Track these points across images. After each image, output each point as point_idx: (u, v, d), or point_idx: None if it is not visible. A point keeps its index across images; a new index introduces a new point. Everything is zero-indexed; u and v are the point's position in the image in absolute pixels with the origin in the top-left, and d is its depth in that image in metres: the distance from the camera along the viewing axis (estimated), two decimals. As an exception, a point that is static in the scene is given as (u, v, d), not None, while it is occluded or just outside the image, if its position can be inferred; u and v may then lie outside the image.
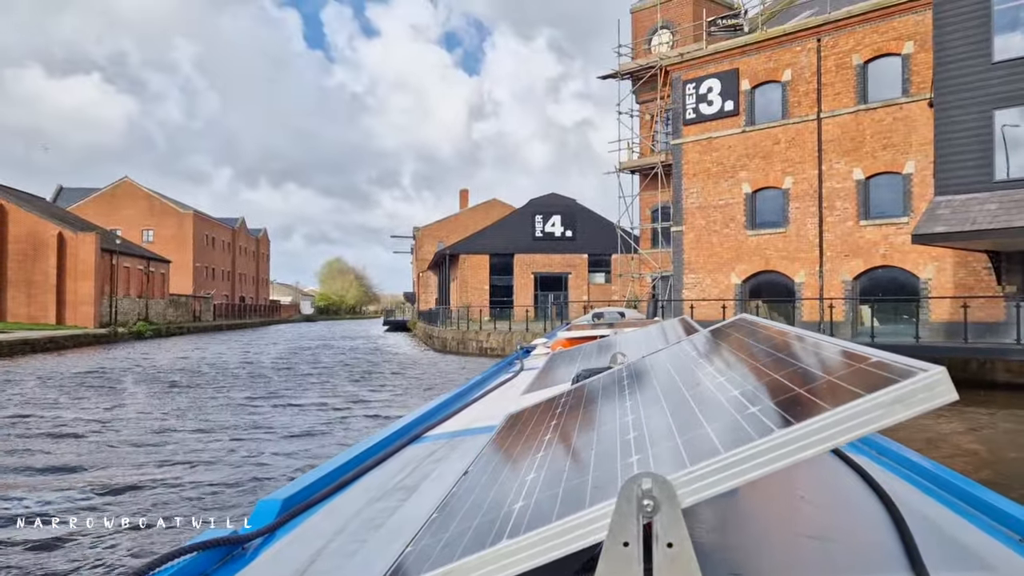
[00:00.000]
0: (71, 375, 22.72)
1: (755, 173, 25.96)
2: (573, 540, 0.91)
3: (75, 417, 14.15)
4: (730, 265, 26.53)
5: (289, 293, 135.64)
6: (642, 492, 0.89)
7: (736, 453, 0.90)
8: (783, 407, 1.00)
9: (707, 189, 27.15)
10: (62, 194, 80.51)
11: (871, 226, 23.36)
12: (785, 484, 1.57)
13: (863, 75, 23.62)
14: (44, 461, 10.21)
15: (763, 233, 25.76)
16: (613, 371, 2.23)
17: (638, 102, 32.44)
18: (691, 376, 1.57)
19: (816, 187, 24.46)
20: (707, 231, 27.15)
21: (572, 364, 3.75)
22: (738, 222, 26.38)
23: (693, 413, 1.21)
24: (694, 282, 27.46)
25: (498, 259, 52.05)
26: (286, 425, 13.30)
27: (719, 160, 26.84)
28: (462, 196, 74.46)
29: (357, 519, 1.61)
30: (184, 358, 30.66)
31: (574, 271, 52.11)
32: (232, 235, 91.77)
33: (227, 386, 19.76)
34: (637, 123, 32.60)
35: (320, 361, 29.60)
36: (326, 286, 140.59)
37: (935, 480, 1.71)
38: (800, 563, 1.17)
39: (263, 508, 1.66)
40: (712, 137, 26.99)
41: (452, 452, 2.23)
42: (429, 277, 70.64)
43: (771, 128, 25.55)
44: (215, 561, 1.41)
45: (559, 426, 1.66)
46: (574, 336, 7.42)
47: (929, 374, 0.86)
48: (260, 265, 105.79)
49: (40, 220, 48.43)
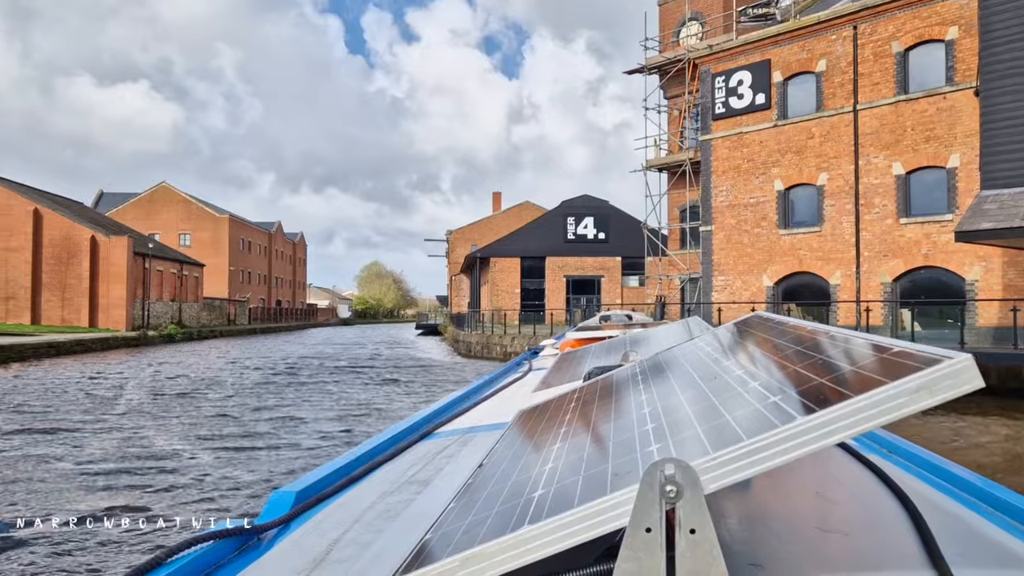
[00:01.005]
0: (71, 382, 22.35)
1: (788, 169, 24.64)
2: (595, 525, 0.91)
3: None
4: (761, 266, 25.23)
5: (327, 297, 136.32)
6: (665, 478, 0.88)
7: (760, 439, 0.90)
8: (806, 396, 0.99)
9: (737, 187, 25.89)
10: (103, 198, 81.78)
11: (912, 224, 21.91)
12: (800, 480, 1.57)
13: (903, 63, 22.19)
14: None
15: (796, 232, 24.42)
16: (626, 367, 2.24)
17: (666, 97, 31.27)
18: (708, 370, 1.57)
19: (853, 183, 23.07)
20: (737, 231, 25.88)
21: (582, 363, 3.70)
22: (770, 221, 25.06)
23: (712, 404, 1.21)
24: (724, 284, 26.20)
25: (529, 262, 51.38)
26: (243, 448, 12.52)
27: (750, 156, 25.57)
28: (495, 199, 73.77)
29: (372, 510, 1.62)
30: (194, 368, 30.26)
31: (607, 274, 51.10)
32: (269, 239, 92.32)
33: (212, 399, 19.13)
34: (665, 119, 31.40)
35: (327, 366, 28.96)
36: (364, 290, 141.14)
37: (951, 479, 1.70)
38: (819, 556, 1.16)
39: (277, 500, 1.67)
40: (743, 132, 25.73)
41: (464, 447, 2.24)
42: (462, 280, 70.08)
43: (805, 122, 24.22)
44: (231, 551, 1.40)
45: (574, 419, 1.67)
46: (582, 337, 7.31)
47: (955, 361, 0.85)
48: (297, 269, 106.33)
49: (74, 224, 48.83)
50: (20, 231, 47.71)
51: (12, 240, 47.66)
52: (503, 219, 67.34)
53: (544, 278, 51.35)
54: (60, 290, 48.06)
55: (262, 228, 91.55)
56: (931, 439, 11.10)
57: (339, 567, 1.29)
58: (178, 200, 78.53)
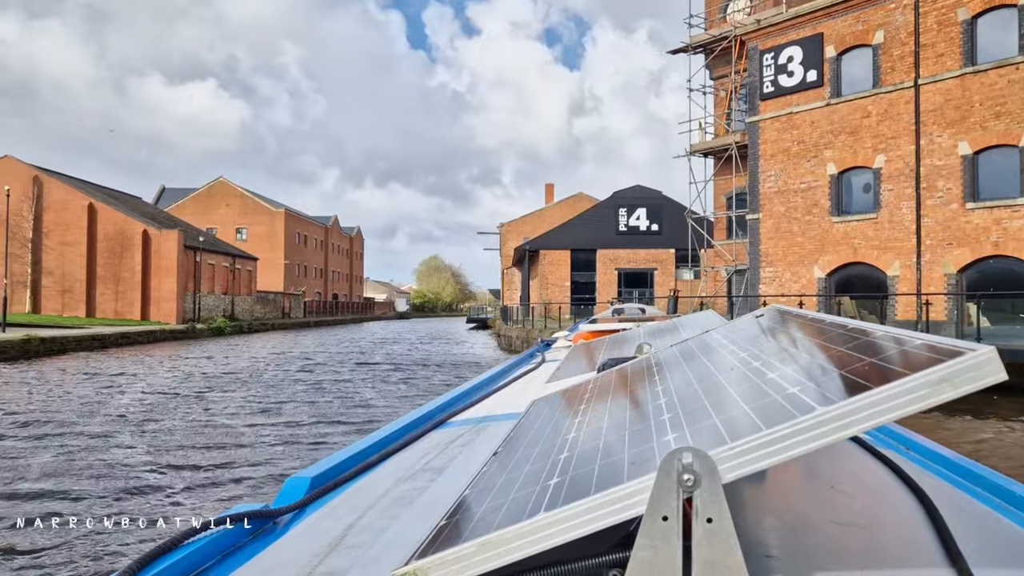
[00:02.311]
0: (79, 376, 22.07)
1: (841, 151, 22.76)
2: (613, 513, 0.91)
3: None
4: (812, 256, 23.41)
5: (384, 291, 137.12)
6: (683, 467, 0.88)
7: (779, 429, 0.89)
8: (825, 388, 0.98)
9: (787, 171, 24.09)
10: (165, 194, 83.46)
11: (980, 209, 19.87)
12: (815, 474, 1.56)
13: (970, 32, 20.13)
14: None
15: (851, 219, 22.54)
16: (641, 359, 2.27)
17: (712, 78, 29.48)
18: (724, 362, 1.56)
19: (913, 165, 21.11)
20: (787, 218, 24.10)
21: (596, 355, 3.69)
22: (822, 207, 23.23)
23: (729, 395, 1.20)
24: (772, 276, 24.46)
25: (580, 254, 50.26)
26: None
27: (800, 138, 23.75)
28: (547, 190, 72.59)
29: (387, 497, 1.62)
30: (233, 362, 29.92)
31: (660, 267, 49.50)
32: (325, 233, 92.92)
33: (213, 400, 18.44)
34: (711, 101, 29.62)
35: (362, 359, 28.23)
36: (423, 284, 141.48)
37: (968, 475, 1.68)
38: (835, 549, 1.15)
39: (292, 485, 1.68)
40: (792, 112, 23.92)
41: (478, 436, 2.24)
42: (514, 274, 69.18)
43: (860, 99, 22.31)
44: (247, 534, 1.41)
45: (590, 409, 1.66)
46: (595, 329, 7.38)
47: (977, 353, 0.85)
48: (354, 263, 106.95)
49: (127, 218, 49.51)
50: (76, 225, 48.61)
51: (68, 234, 48.59)
52: (556, 211, 66.27)
53: (595, 271, 50.19)
54: (114, 283, 48.81)
55: (318, 222, 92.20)
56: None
57: (354, 552, 1.29)
58: (235, 195, 79.50)
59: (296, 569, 1.25)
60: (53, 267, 48.62)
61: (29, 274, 48.09)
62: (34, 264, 48.29)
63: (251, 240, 77.16)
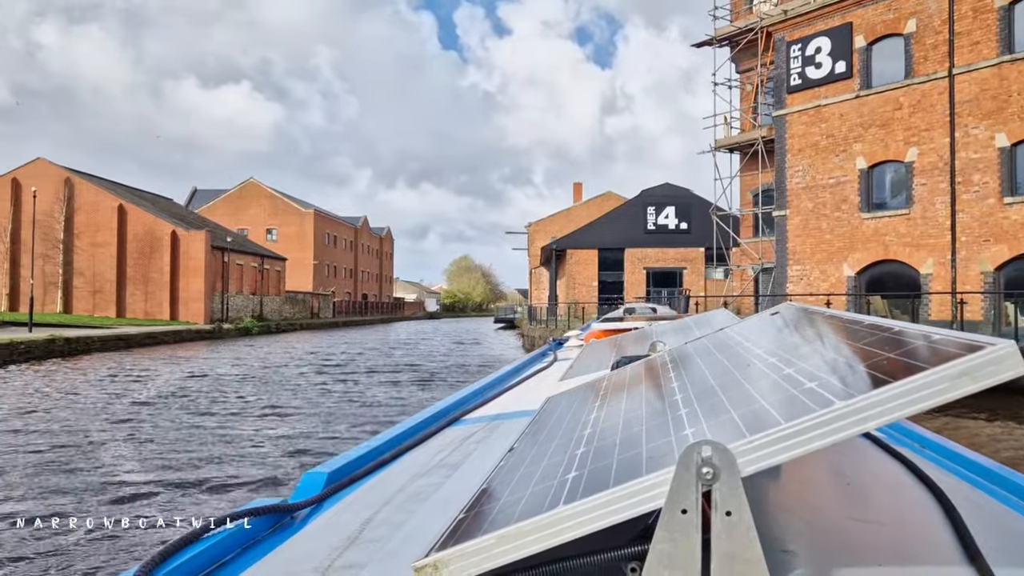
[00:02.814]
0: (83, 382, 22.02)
1: (872, 145, 21.92)
2: (632, 506, 0.91)
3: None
4: (842, 254, 22.59)
5: (414, 291, 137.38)
6: (702, 460, 0.88)
7: (798, 423, 0.89)
8: (844, 382, 0.98)
9: (815, 166, 23.29)
10: (196, 195, 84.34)
11: (1019, 204, 18.96)
12: (831, 471, 1.56)
13: (1008, 18, 19.21)
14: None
15: (882, 216, 21.69)
16: (655, 356, 2.26)
17: (738, 71, 28.69)
18: (740, 358, 1.56)
19: (947, 158, 20.22)
20: (815, 215, 23.29)
21: (609, 353, 3.67)
22: (851, 203, 22.40)
23: (747, 390, 1.21)
24: (800, 275, 23.67)
25: (607, 254, 49.70)
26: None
27: (829, 131, 22.94)
28: (575, 189, 72.02)
29: (403, 493, 1.62)
30: (240, 362, 29.81)
31: (690, 266, 48.68)
32: (355, 233, 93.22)
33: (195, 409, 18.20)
34: (737, 96, 28.82)
35: (376, 360, 27.93)
36: (453, 284, 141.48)
37: (985, 473, 1.66)
38: (852, 545, 1.15)
39: (309, 480, 1.68)
40: (821, 105, 23.11)
41: (492, 434, 2.25)
42: (542, 273, 68.72)
43: (891, 91, 21.46)
44: (265, 528, 1.42)
45: (605, 405, 1.67)
46: (607, 328, 7.36)
47: (998, 347, 0.85)
48: (384, 263, 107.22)
49: (156, 219, 49.92)
50: (106, 227, 49.14)
51: (99, 235, 49.14)
52: (583, 210, 65.73)
53: (623, 270, 49.60)
54: (143, 284, 49.24)
55: (348, 222, 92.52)
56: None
57: (372, 546, 1.30)
58: (265, 195, 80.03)
59: (314, 563, 1.25)
60: (84, 268, 49.21)
61: (61, 275, 48.71)
62: (66, 265, 48.89)
63: (281, 240, 77.60)
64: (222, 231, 58.69)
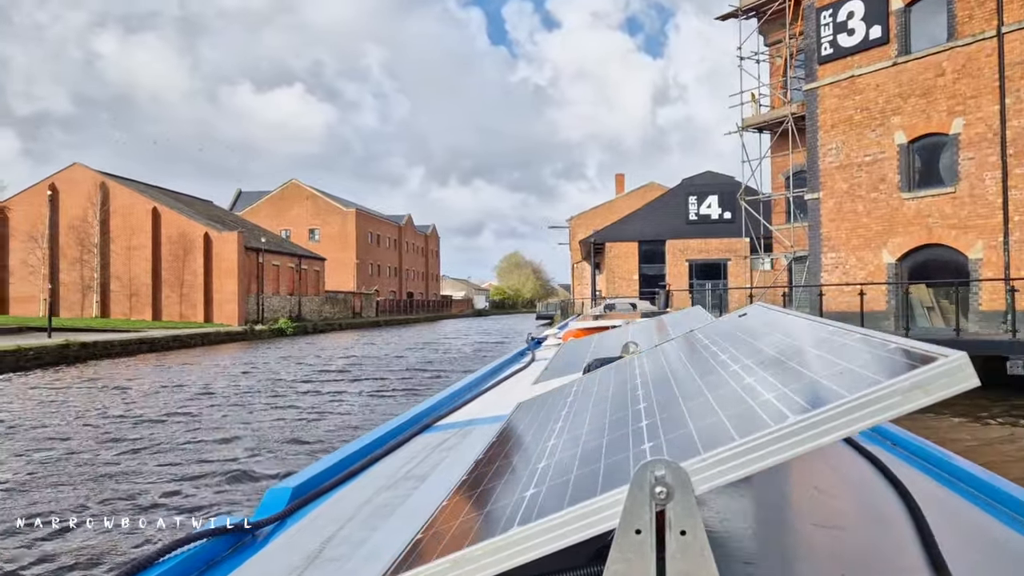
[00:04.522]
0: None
1: (912, 117, 19.72)
2: (585, 527, 0.91)
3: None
4: (880, 239, 20.43)
5: (463, 288, 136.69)
6: (655, 479, 0.88)
7: (750, 440, 0.90)
8: (799, 394, 0.99)
9: (849, 143, 21.16)
10: (240, 198, 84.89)
11: (1081, 177, 16.65)
12: (798, 474, 1.56)
13: (1064, -34, 16.89)
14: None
15: (924, 195, 19.49)
16: (625, 360, 2.27)
17: (766, 44, 26.55)
18: (704, 364, 1.58)
19: (997, 128, 17.95)
20: (850, 196, 21.17)
21: (584, 354, 3.66)
22: (890, 183, 20.23)
23: (707, 401, 1.21)
24: (835, 263, 21.57)
25: (648, 246, 48.05)
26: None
27: (864, 104, 20.79)
28: (618, 181, 70.07)
29: (368, 507, 1.61)
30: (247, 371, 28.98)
31: (734, 257, 46.53)
32: (398, 232, 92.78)
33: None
34: (766, 71, 26.68)
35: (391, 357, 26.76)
36: (503, 280, 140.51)
37: (952, 471, 1.69)
38: (814, 552, 1.16)
39: (272, 497, 1.66)
40: (854, 75, 20.96)
41: (463, 441, 2.24)
42: (584, 268, 67.10)
43: (932, 55, 19.23)
44: (225, 548, 1.40)
45: (570, 415, 1.67)
46: (585, 327, 7.22)
47: (950, 359, 0.85)
48: (429, 260, 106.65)
49: (189, 221, 49.83)
50: (141, 229, 49.26)
51: (134, 239, 49.29)
52: (626, 202, 63.91)
53: (664, 263, 47.88)
54: (178, 286, 49.20)
55: (391, 221, 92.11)
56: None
57: (332, 565, 1.29)
58: (306, 196, 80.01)
59: None
60: (120, 271, 49.41)
61: (97, 278, 48.99)
62: (102, 268, 49.17)
63: (323, 241, 77.47)
64: (259, 232, 58.52)
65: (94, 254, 48.82)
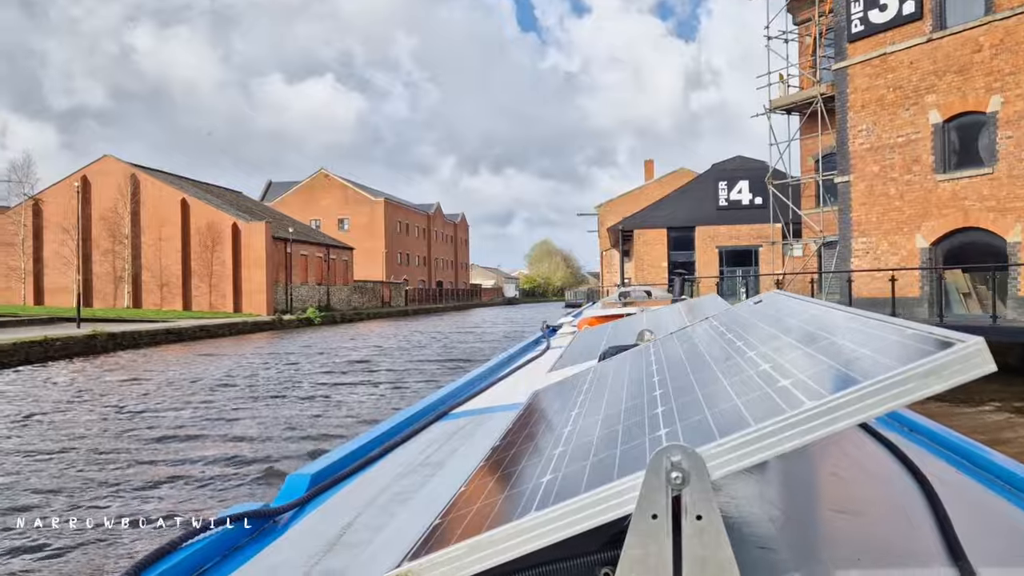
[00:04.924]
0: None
1: (947, 95, 18.92)
2: (601, 512, 0.92)
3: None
4: (914, 223, 19.69)
5: (493, 277, 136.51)
6: (671, 464, 0.89)
7: (766, 426, 0.90)
8: (815, 380, 0.99)
9: (881, 123, 20.40)
10: (272, 188, 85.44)
11: None
12: (814, 460, 1.57)
13: (1110, -68, 16.00)
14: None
15: (960, 176, 18.71)
16: (640, 347, 2.27)
17: (795, 23, 25.72)
18: (720, 351, 1.57)
19: (1038, 105, 17.14)
20: (882, 179, 20.43)
21: (599, 342, 3.68)
22: (924, 164, 19.46)
23: (723, 387, 1.21)
24: (866, 248, 20.86)
25: (676, 232, 47.28)
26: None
27: (897, 83, 20.01)
28: (647, 167, 69.09)
29: (385, 493, 1.62)
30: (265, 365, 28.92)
31: (766, 243, 45.62)
32: (427, 221, 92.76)
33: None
34: (795, 51, 25.88)
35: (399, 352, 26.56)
36: (533, 268, 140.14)
37: (970, 457, 1.67)
38: (830, 538, 1.16)
39: (292, 483, 1.68)
40: (887, 53, 20.18)
41: (479, 428, 2.25)
42: (613, 255, 66.48)
43: (969, 30, 18.41)
44: (247, 534, 1.42)
45: (586, 402, 1.67)
46: (600, 315, 7.16)
47: (966, 345, 0.85)
48: (459, 249, 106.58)
49: (217, 211, 50.13)
50: (170, 221, 49.67)
51: (164, 230, 49.73)
52: (655, 188, 63.05)
53: (693, 250, 47.10)
54: (207, 276, 49.56)
55: (420, 210, 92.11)
56: None
57: (350, 551, 1.29)
58: (336, 186, 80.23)
59: (293, 570, 1.24)
60: (151, 262, 49.91)
61: (128, 269, 49.53)
62: (133, 259, 49.69)
63: (353, 230, 77.66)
64: (287, 221, 58.75)
65: (125, 245, 49.34)
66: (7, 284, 50.25)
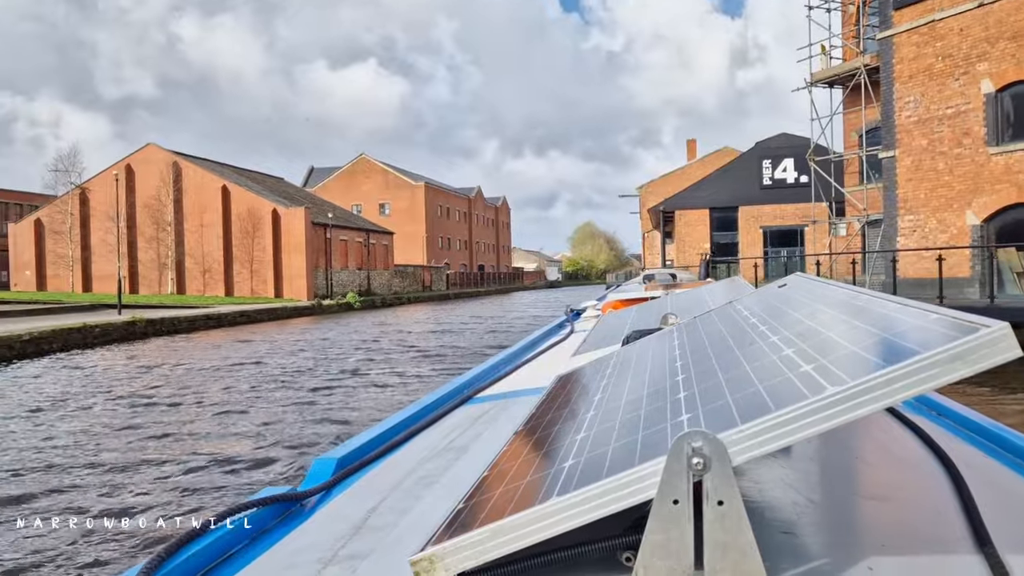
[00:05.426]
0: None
1: (1001, 63, 17.82)
2: (623, 497, 0.92)
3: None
4: (964, 199, 18.66)
5: (535, 260, 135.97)
6: (692, 450, 0.89)
7: (788, 411, 0.90)
8: (837, 365, 0.99)
9: (929, 94, 19.34)
10: (314, 174, 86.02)
11: None
12: (839, 444, 1.56)
13: None
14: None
15: (1015, 149, 17.64)
16: (664, 332, 2.29)
17: (839, -10, 24.61)
18: (743, 336, 1.57)
19: (1099, 71, 16.01)
20: (930, 153, 19.39)
21: (622, 326, 3.68)
22: (975, 136, 18.40)
23: (745, 372, 1.21)
24: (912, 226, 19.87)
25: (719, 213, 46.22)
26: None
27: (946, 51, 18.92)
28: (689, 147, 67.76)
29: (411, 477, 1.64)
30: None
31: (810, 223, 44.34)
32: (468, 204, 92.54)
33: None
34: (837, 20, 24.74)
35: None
36: (576, 251, 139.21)
37: (998, 441, 1.66)
38: (854, 522, 1.17)
39: (319, 467, 1.70)
40: (935, 20, 19.09)
41: (503, 412, 2.27)
42: (655, 237, 65.43)
43: (1024, -8, 17.28)
44: (274, 517, 1.44)
45: (609, 386, 1.68)
46: (625, 298, 7.29)
47: (992, 330, 0.85)
48: (500, 233, 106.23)
49: (257, 197, 50.52)
50: (211, 207, 50.24)
51: (206, 216, 50.32)
52: (698, 168, 61.75)
53: (737, 230, 45.97)
54: (248, 262, 50.06)
55: (460, 194, 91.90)
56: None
57: (376, 534, 1.31)
58: (377, 170, 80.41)
59: (320, 552, 1.25)
60: (194, 248, 50.57)
61: (172, 256, 50.27)
62: (176, 246, 50.41)
63: (393, 215, 77.83)
64: (328, 207, 59.01)
65: (168, 232, 50.05)
66: (56, 272, 51.42)
